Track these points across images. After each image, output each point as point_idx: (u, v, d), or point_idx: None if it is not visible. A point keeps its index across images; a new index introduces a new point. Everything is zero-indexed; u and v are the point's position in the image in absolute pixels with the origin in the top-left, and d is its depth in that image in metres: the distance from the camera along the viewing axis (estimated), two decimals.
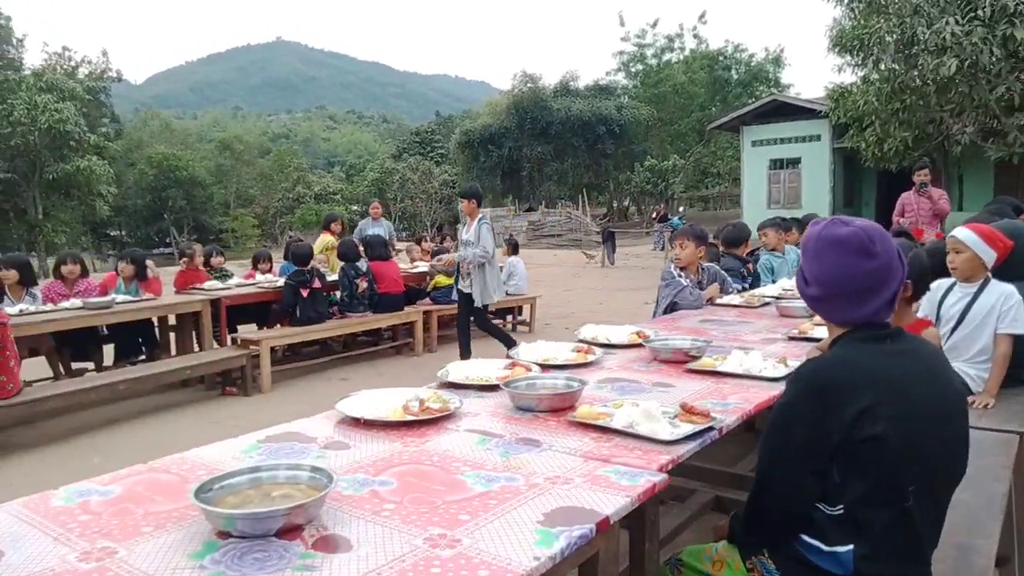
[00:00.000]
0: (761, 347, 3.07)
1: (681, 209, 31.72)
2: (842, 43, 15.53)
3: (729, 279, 4.75)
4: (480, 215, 6.56)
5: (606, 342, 3.33)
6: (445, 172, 43.67)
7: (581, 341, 3.38)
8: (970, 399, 3.31)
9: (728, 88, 37.31)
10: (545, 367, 2.82)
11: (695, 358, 2.93)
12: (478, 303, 6.44)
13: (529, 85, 37.45)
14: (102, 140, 26.64)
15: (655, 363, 2.96)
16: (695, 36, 42.62)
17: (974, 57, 11.45)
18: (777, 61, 37.55)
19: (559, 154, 36.36)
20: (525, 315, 9.56)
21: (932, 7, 12.13)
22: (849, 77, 16.93)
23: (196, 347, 6.40)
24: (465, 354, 6.57)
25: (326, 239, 8.59)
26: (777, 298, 4.37)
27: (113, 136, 40.89)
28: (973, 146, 14.30)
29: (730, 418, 2.10)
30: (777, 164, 24.19)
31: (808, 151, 23.19)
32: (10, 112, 23.49)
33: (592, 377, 2.68)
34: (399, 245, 11.45)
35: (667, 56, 39.58)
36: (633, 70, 40.59)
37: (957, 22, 11.58)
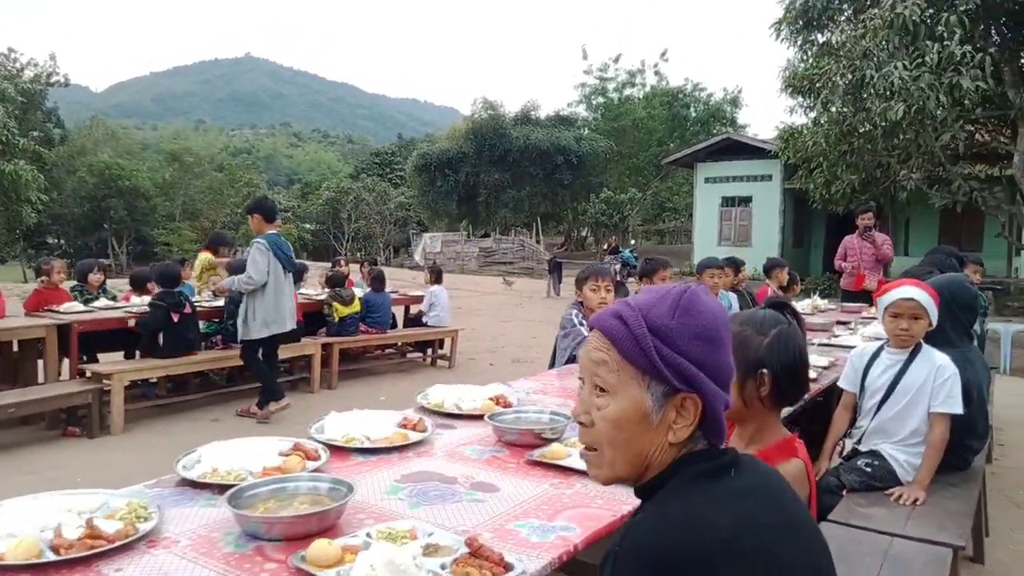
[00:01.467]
0: None
1: (633, 242, 31.46)
2: (794, 84, 15.38)
3: None
4: (259, 236, 5.70)
5: (454, 410, 2.66)
6: (402, 194, 42.98)
7: (422, 408, 2.70)
8: (896, 491, 2.72)
9: (686, 125, 37.48)
10: (342, 450, 2.14)
11: (548, 441, 2.27)
12: (240, 336, 5.73)
13: (489, 112, 37.09)
14: (33, 144, 25.24)
15: (498, 445, 2.30)
16: (656, 73, 42.93)
17: (921, 103, 11.25)
18: (735, 101, 37.89)
19: (516, 181, 35.93)
20: (447, 349, 8.87)
21: (881, 51, 11.95)
22: (801, 119, 16.77)
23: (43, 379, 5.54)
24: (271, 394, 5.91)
25: (205, 258, 7.65)
26: None
27: (57, 142, 39.39)
28: (919, 192, 14.16)
29: (534, 566, 1.43)
30: (729, 202, 24.08)
31: (759, 190, 23.12)
32: None
33: (396, 470, 2.01)
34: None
35: (628, 91, 39.66)
36: (594, 103, 40.59)
37: (905, 67, 11.39)
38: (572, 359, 3.64)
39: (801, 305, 6.62)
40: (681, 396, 1.02)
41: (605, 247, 28.34)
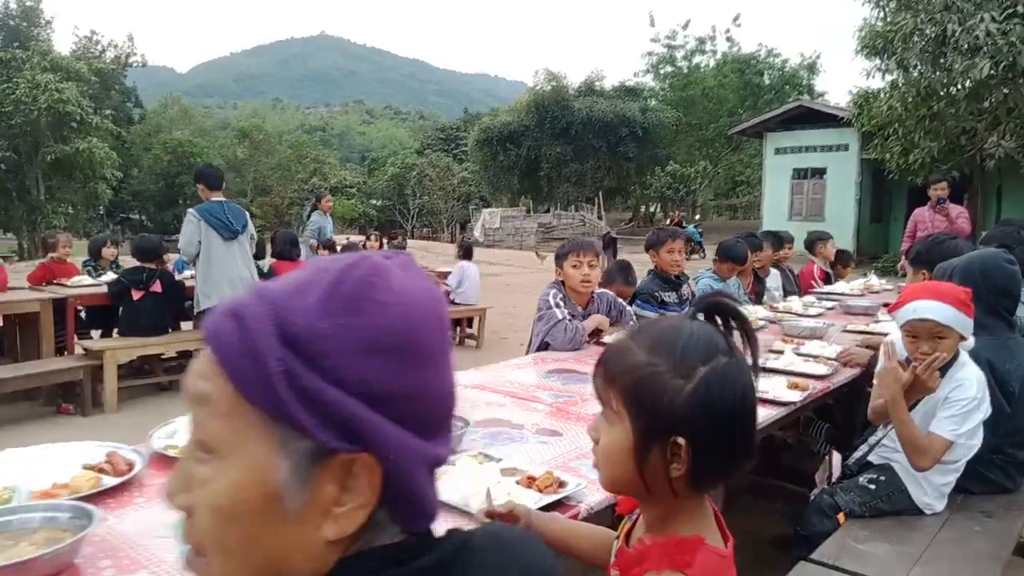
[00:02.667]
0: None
1: (698, 216, 30.33)
2: (870, 44, 14.18)
3: (630, 309, 3.63)
4: (204, 202, 5.59)
5: None
6: (465, 169, 42.75)
7: None
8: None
9: (759, 94, 35.70)
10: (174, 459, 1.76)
11: None
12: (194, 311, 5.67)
13: (552, 84, 36.30)
14: (107, 122, 26.10)
15: None
16: (728, 39, 40.91)
17: (1011, 58, 10.12)
18: (812, 67, 35.82)
19: (579, 155, 35.14)
20: (475, 328, 8.50)
21: (966, 2, 10.79)
22: (878, 83, 15.50)
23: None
24: None
25: None
26: None
27: (137, 120, 40.82)
28: (1009, 160, 12.87)
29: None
30: (801, 174, 22.77)
31: (834, 161, 21.73)
32: (14, 91, 23.09)
33: None
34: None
35: (697, 59, 38.03)
36: (662, 72, 39.15)
37: (993, 19, 10.26)
38: (544, 346, 3.18)
39: (852, 285, 5.92)
40: (343, 457, 0.57)
41: (668, 222, 27.40)
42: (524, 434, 2.04)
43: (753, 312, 4.23)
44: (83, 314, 6.15)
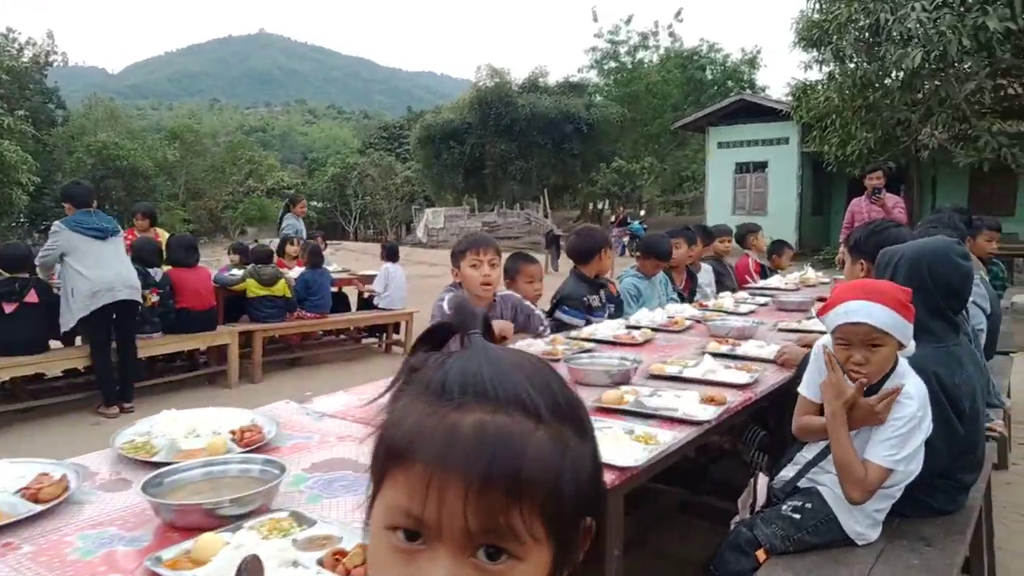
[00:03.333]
0: None
1: (643, 212, 30.29)
2: (807, 36, 14.12)
3: (539, 313, 3.21)
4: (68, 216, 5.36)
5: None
6: (408, 169, 42.03)
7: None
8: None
9: (703, 89, 35.95)
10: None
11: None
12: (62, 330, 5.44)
13: (495, 80, 35.88)
14: (20, 124, 24.61)
15: None
16: (670, 34, 41.19)
17: (942, 48, 10.08)
18: (752, 62, 36.26)
19: (524, 152, 34.81)
20: (401, 333, 8.01)
21: None
22: (816, 75, 15.49)
23: None
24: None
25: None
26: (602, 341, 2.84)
27: (60, 122, 38.87)
28: (943, 151, 12.94)
29: None
30: (743, 168, 22.85)
31: (775, 154, 21.84)
32: None
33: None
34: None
35: (641, 54, 38.14)
36: (606, 68, 39.14)
37: (924, 8, 10.20)
38: None
39: (788, 279, 5.63)
40: None
41: (613, 219, 27.22)
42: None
43: (679, 311, 3.86)
44: None
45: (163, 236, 7.13)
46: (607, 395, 2.08)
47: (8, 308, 5.12)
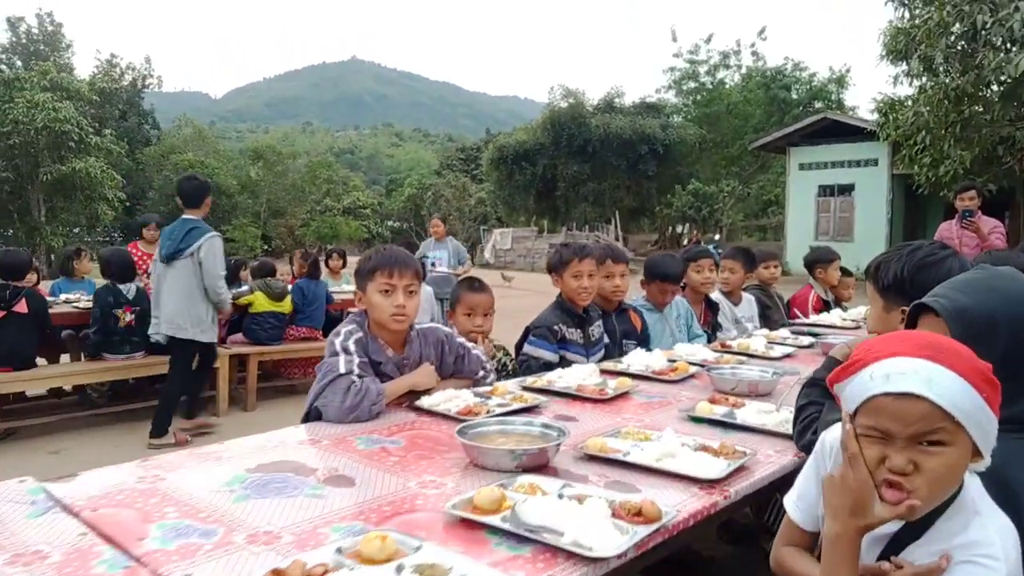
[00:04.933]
0: None
1: (717, 237, 28.92)
2: (894, 47, 12.90)
3: (478, 353, 2.51)
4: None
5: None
6: (482, 190, 41.93)
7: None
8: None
9: (787, 109, 34.27)
10: None
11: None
12: None
13: (569, 100, 35.43)
14: (106, 142, 25.68)
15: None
16: (753, 53, 39.53)
17: None
18: (841, 80, 34.33)
19: (597, 173, 34.10)
20: None
21: None
22: (905, 89, 14.16)
23: None
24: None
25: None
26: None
27: (154, 143, 40.77)
28: None
29: None
30: (827, 191, 21.42)
31: (863, 176, 20.34)
32: (12, 110, 22.79)
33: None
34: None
35: (721, 74, 36.81)
36: (684, 88, 38.01)
37: None
38: (317, 413, 2.06)
39: (851, 314, 4.70)
40: None
41: (687, 242, 26.08)
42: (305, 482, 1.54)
43: (689, 353, 3.07)
44: None
45: None
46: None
47: None
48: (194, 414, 5.34)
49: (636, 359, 2.86)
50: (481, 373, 2.48)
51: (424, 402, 2.15)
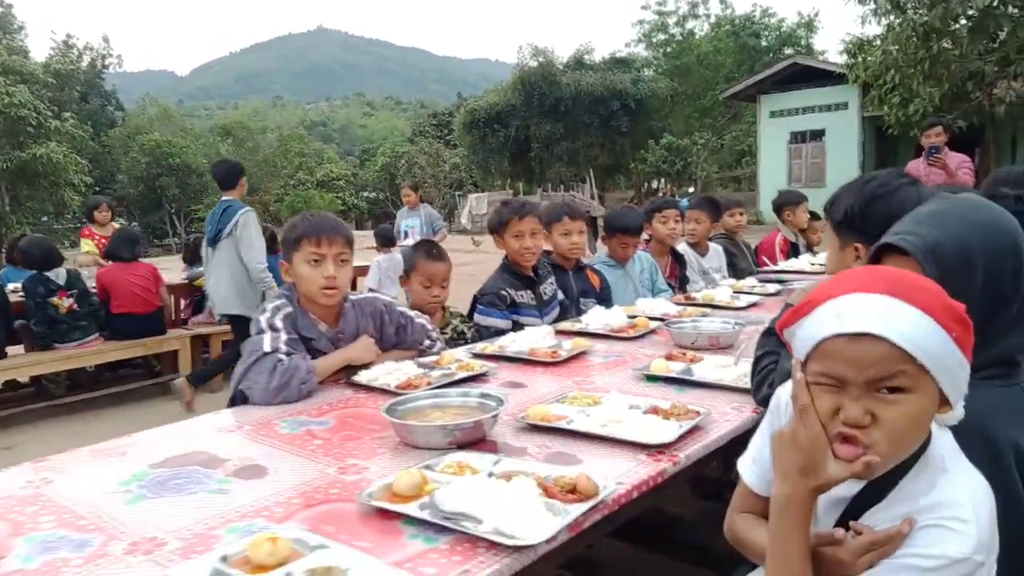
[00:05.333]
0: None
1: (691, 190, 28.78)
2: None
3: (423, 322, 2.35)
4: None
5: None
6: (456, 155, 41.43)
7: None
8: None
9: (757, 57, 34.00)
10: None
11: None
12: None
13: (539, 59, 34.87)
14: (66, 125, 24.92)
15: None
16: (721, 1, 39.10)
17: None
18: (810, 25, 34.07)
19: (570, 132, 33.72)
20: None
21: None
22: (874, 29, 13.94)
23: None
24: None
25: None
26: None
27: (119, 124, 39.75)
28: (1022, 105, 11.38)
29: None
30: (798, 137, 21.29)
31: (833, 121, 20.21)
32: None
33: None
34: None
35: (690, 24, 36.44)
36: (654, 40, 37.56)
37: None
38: (243, 397, 1.91)
39: (820, 258, 4.60)
40: None
41: (661, 196, 25.95)
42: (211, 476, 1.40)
43: (651, 308, 2.94)
44: None
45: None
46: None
47: None
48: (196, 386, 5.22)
49: (594, 317, 2.72)
50: (427, 343, 2.33)
51: (362, 377, 2.01)
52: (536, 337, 2.39)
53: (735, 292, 3.35)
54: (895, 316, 0.91)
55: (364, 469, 1.42)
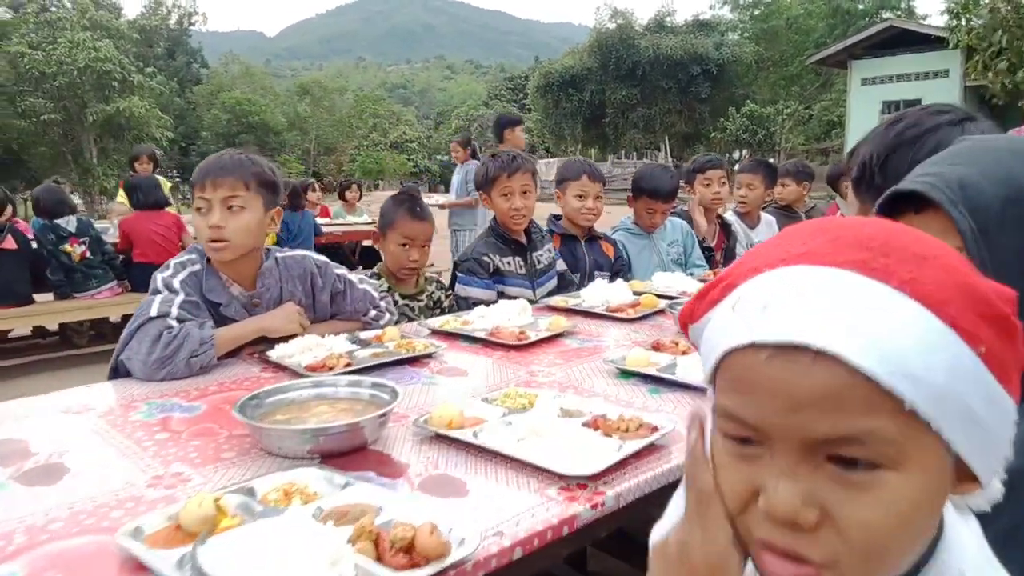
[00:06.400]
0: None
1: (772, 160, 27.31)
2: None
3: (367, 288, 1.98)
4: None
5: None
6: (529, 120, 40.83)
7: None
8: None
9: (851, 20, 31.90)
10: None
11: None
12: None
13: (617, 21, 33.80)
14: (149, 81, 25.61)
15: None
16: None
17: None
18: None
19: (646, 98, 32.67)
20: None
21: None
22: None
23: None
24: None
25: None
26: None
27: (204, 80, 40.87)
28: None
29: None
30: (892, 107, 19.77)
31: (931, 90, 18.66)
32: (55, 50, 22.83)
33: None
34: None
35: None
36: (741, 2, 35.74)
37: None
38: (124, 369, 1.60)
39: None
40: None
41: (735, 168, 24.76)
42: None
43: (666, 284, 2.50)
44: None
45: (165, 185, 6.47)
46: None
47: None
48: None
49: (592, 293, 2.31)
50: (372, 312, 1.96)
51: (274, 353, 1.66)
52: (508, 312, 2.00)
53: None
54: (869, 315, 0.46)
55: (184, 482, 1.07)
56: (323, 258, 1.91)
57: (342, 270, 1.94)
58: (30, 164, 26.44)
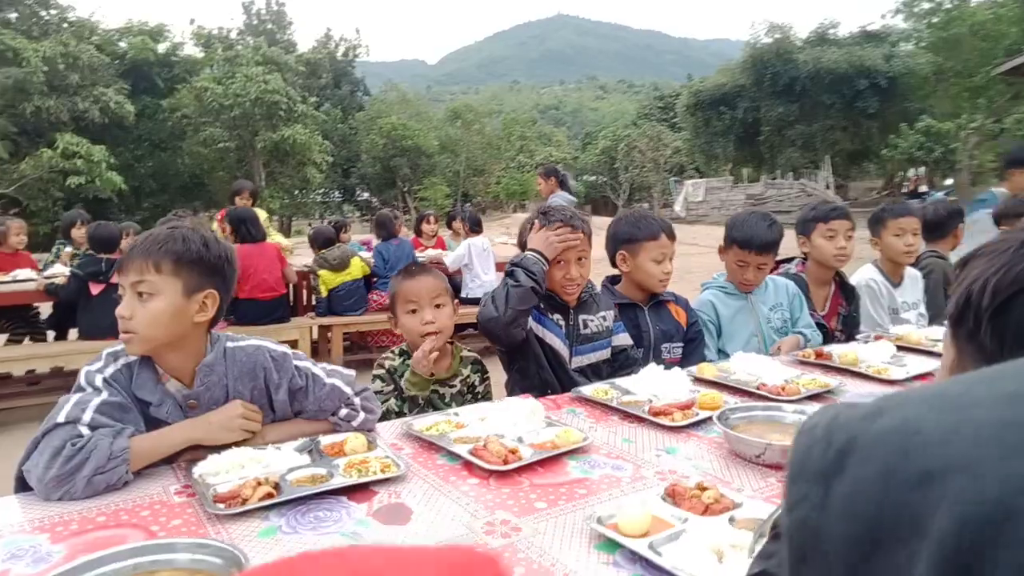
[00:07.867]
0: None
1: (949, 182, 24.52)
2: None
3: (315, 369, 1.63)
4: None
5: None
6: (679, 139, 39.70)
7: None
8: None
9: None
10: None
11: None
12: None
13: (775, 35, 32.11)
14: (311, 109, 27.45)
15: None
16: None
17: None
18: None
19: (805, 115, 30.71)
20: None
21: None
22: None
23: None
24: None
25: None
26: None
27: (364, 107, 43.40)
28: None
29: None
30: None
31: None
32: (232, 84, 25.00)
33: None
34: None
35: None
36: (916, 10, 32.78)
37: None
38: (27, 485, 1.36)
39: None
40: None
41: (905, 190, 22.41)
42: None
43: (734, 368, 1.99)
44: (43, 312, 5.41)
45: (261, 215, 6.55)
46: None
47: (95, 290, 4.82)
48: None
49: (642, 383, 1.84)
50: (344, 412, 1.61)
51: (197, 469, 1.36)
52: (516, 416, 1.59)
53: (901, 349, 2.23)
54: None
55: None
56: (282, 348, 1.60)
57: (306, 362, 1.61)
58: (209, 188, 29.09)
